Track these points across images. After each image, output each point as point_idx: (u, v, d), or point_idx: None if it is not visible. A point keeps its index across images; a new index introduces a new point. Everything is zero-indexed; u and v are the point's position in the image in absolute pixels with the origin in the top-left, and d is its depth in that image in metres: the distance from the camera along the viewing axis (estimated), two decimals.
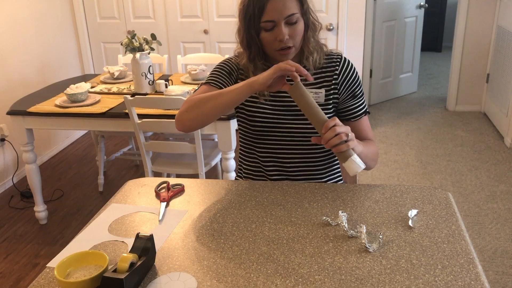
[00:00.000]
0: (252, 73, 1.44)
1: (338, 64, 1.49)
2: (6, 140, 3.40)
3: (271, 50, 1.40)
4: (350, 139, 1.23)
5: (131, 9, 4.15)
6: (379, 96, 4.97)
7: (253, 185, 1.43)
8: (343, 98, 1.49)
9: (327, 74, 1.49)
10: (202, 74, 3.00)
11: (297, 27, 1.37)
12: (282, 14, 1.33)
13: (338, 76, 1.48)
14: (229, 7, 3.97)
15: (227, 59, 1.55)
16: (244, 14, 1.38)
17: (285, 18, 1.34)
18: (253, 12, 1.35)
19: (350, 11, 3.81)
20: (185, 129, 1.40)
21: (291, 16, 1.34)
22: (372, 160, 1.45)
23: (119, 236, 1.20)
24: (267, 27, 1.36)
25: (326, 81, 1.48)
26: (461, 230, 1.16)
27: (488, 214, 2.88)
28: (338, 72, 1.48)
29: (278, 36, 1.35)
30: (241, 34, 1.43)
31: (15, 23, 3.50)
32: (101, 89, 2.89)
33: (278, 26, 1.35)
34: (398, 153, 3.79)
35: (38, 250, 2.70)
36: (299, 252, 1.10)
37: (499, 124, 4.12)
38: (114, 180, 3.52)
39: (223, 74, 1.50)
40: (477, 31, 4.39)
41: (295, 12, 1.35)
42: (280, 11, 1.33)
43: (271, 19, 1.34)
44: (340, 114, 1.52)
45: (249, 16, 1.36)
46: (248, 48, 1.43)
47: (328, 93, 1.48)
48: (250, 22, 1.37)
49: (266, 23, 1.35)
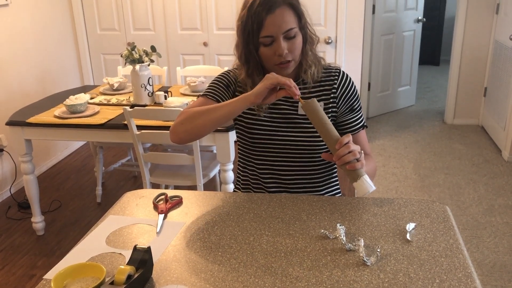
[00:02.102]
0: (250, 88, 1.44)
1: (337, 78, 1.50)
2: (4, 150, 3.40)
3: (270, 64, 1.41)
4: (362, 158, 1.24)
5: (131, 21, 4.18)
6: (377, 109, 4.99)
7: (251, 197, 1.43)
8: (341, 111, 1.50)
9: (325, 87, 1.49)
10: (201, 86, 3.02)
11: (296, 41, 1.38)
12: (281, 29, 1.35)
13: (337, 90, 1.49)
14: (228, 20, 4.00)
15: (226, 71, 1.56)
16: (243, 30, 1.39)
17: (284, 33, 1.35)
18: (251, 27, 1.36)
19: (349, 24, 3.84)
20: (179, 141, 1.40)
21: (290, 30, 1.35)
22: (371, 176, 1.46)
23: (117, 248, 1.20)
24: (266, 42, 1.37)
25: (325, 94, 1.49)
26: (459, 243, 1.16)
27: (486, 227, 2.88)
28: (336, 86, 1.49)
29: (277, 51, 1.36)
30: (239, 50, 1.44)
31: (15, 33, 3.52)
32: (101, 100, 2.90)
33: (277, 41, 1.36)
34: (396, 166, 3.80)
35: (35, 261, 2.68)
36: (297, 265, 1.09)
37: (496, 137, 4.13)
38: (112, 191, 3.52)
39: (221, 86, 1.51)
40: (475, 45, 4.43)
41: (293, 27, 1.36)
42: (278, 26, 1.34)
43: (270, 34, 1.35)
44: (338, 128, 1.52)
45: (248, 32, 1.37)
46: (246, 63, 1.44)
47: (327, 107, 1.49)
48: (249, 38, 1.38)
49: (265, 38, 1.36)
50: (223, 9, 3.97)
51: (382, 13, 4.62)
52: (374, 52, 4.69)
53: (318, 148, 1.48)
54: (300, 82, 1.49)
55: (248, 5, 1.36)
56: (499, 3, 4.17)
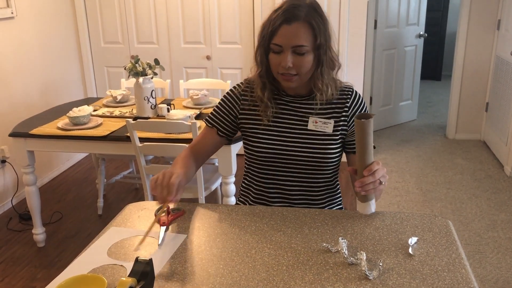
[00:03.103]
0: (260, 90, 1.48)
1: (350, 97, 1.51)
2: (7, 161, 3.41)
3: (275, 72, 1.44)
4: (382, 184, 1.30)
5: (135, 34, 4.21)
6: (379, 123, 5.00)
7: (253, 210, 1.43)
8: (351, 130, 1.51)
9: (337, 105, 1.50)
10: (204, 99, 3.03)
11: (305, 59, 1.38)
12: (290, 42, 1.36)
13: (349, 109, 1.50)
14: (231, 34, 4.03)
15: (233, 88, 1.58)
16: (261, 32, 1.43)
17: (293, 47, 1.37)
18: (267, 31, 1.39)
19: (351, 39, 3.87)
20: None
21: (299, 47, 1.36)
22: (379, 196, 1.47)
23: (118, 259, 1.20)
24: (275, 49, 1.40)
25: (336, 112, 1.50)
26: (461, 258, 1.16)
27: (489, 243, 2.86)
28: (349, 105, 1.50)
29: (282, 62, 1.38)
30: (256, 50, 1.48)
31: (20, 45, 3.55)
32: (104, 112, 2.92)
33: (284, 52, 1.38)
34: (398, 180, 3.79)
35: (35, 273, 2.67)
36: (298, 279, 1.09)
37: (498, 152, 4.13)
38: (113, 203, 3.51)
39: (222, 112, 1.56)
40: (476, 60, 4.45)
41: (304, 45, 1.36)
42: (289, 38, 1.36)
43: (279, 43, 1.38)
44: (347, 147, 1.53)
45: (264, 35, 1.41)
46: (261, 64, 1.47)
47: (337, 125, 1.49)
48: (263, 40, 1.42)
49: (275, 45, 1.39)
50: (226, 23, 4.01)
51: (384, 28, 4.66)
52: (376, 67, 4.71)
53: (325, 164, 1.49)
54: (312, 97, 1.50)
55: (274, 10, 1.40)
56: (500, 19, 4.20)
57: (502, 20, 4.17)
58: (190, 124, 2.35)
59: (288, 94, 1.51)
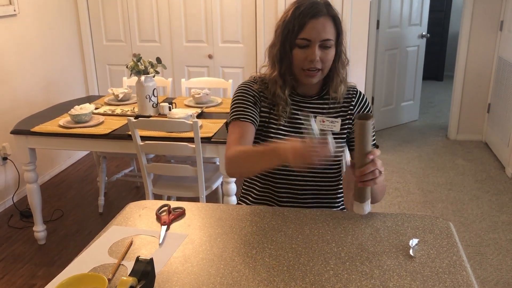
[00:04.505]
0: (279, 88, 1.47)
1: (355, 96, 1.55)
2: (8, 159, 3.41)
3: (299, 68, 1.44)
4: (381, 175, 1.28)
5: (137, 33, 4.21)
6: (380, 124, 4.99)
7: (254, 210, 1.43)
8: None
9: (343, 105, 1.54)
10: (206, 97, 3.03)
11: (329, 53, 1.42)
12: (320, 36, 1.38)
13: (354, 107, 1.54)
14: (233, 33, 4.03)
15: (244, 87, 1.54)
16: (283, 29, 1.43)
17: (321, 41, 1.39)
18: (292, 27, 1.40)
19: (353, 39, 3.86)
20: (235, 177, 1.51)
21: (327, 41, 1.40)
22: (381, 193, 1.48)
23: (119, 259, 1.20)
24: (302, 44, 1.40)
25: (343, 111, 1.53)
26: (462, 260, 1.15)
27: (490, 244, 2.86)
28: (354, 103, 1.54)
29: (309, 56, 1.40)
30: (275, 48, 1.47)
31: (22, 43, 3.55)
32: (105, 110, 2.92)
33: (312, 46, 1.39)
34: (399, 180, 3.79)
35: (36, 271, 2.67)
36: (299, 280, 1.09)
37: (500, 154, 4.13)
38: (114, 202, 3.51)
39: (250, 105, 1.50)
40: (478, 61, 4.44)
41: (331, 39, 1.40)
42: (318, 32, 1.38)
43: (308, 37, 1.39)
44: (350, 144, 1.54)
45: (288, 31, 1.41)
46: (280, 62, 1.47)
47: (344, 123, 1.52)
48: (287, 37, 1.42)
49: (302, 40, 1.40)
50: (228, 22, 4.01)
51: (386, 29, 4.65)
52: (378, 67, 4.71)
53: (334, 162, 1.51)
54: (322, 97, 1.52)
55: (293, 8, 1.41)
56: (503, 20, 4.19)
57: (504, 21, 4.16)
58: (192, 123, 2.35)
59: (299, 94, 1.53)
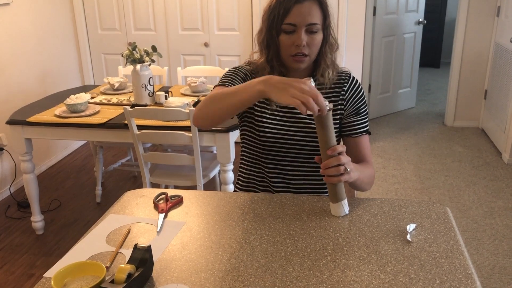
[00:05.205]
0: (267, 73, 1.45)
1: (347, 82, 1.53)
2: (4, 149, 3.40)
3: (286, 54, 1.42)
4: (347, 173, 1.26)
5: (132, 21, 4.18)
6: (377, 111, 4.99)
7: (251, 197, 1.43)
8: (347, 113, 1.52)
9: (335, 90, 1.52)
10: (202, 86, 3.02)
11: (316, 37, 1.40)
12: (305, 21, 1.37)
13: (346, 93, 1.52)
14: (229, 21, 4.00)
15: (238, 66, 1.55)
16: (269, 14, 1.41)
17: (307, 26, 1.37)
18: (278, 13, 1.38)
19: (350, 26, 3.84)
20: (199, 126, 1.35)
21: (313, 25, 1.38)
22: (368, 184, 1.47)
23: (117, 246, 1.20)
24: (288, 30, 1.39)
25: (334, 96, 1.52)
26: (459, 245, 1.16)
27: (486, 230, 2.88)
28: (346, 88, 1.52)
29: (296, 41, 1.38)
30: (262, 34, 1.46)
31: (16, 32, 3.52)
32: (101, 100, 2.90)
33: (298, 31, 1.38)
34: (396, 167, 3.80)
35: (34, 260, 2.68)
36: (297, 265, 1.09)
37: (497, 140, 4.14)
38: (111, 191, 3.51)
39: (238, 77, 1.49)
40: (475, 47, 4.43)
41: (317, 23, 1.38)
42: (303, 16, 1.37)
43: (293, 22, 1.37)
44: (342, 129, 1.54)
45: (273, 17, 1.40)
46: (267, 48, 1.46)
47: (336, 108, 1.51)
48: (273, 23, 1.40)
49: (288, 25, 1.38)
50: (224, 10, 3.98)
51: (383, 15, 4.63)
52: (374, 54, 4.69)
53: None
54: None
55: None
56: (500, 6, 4.17)
57: (501, 7, 4.14)
58: (188, 112, 2.34)
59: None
